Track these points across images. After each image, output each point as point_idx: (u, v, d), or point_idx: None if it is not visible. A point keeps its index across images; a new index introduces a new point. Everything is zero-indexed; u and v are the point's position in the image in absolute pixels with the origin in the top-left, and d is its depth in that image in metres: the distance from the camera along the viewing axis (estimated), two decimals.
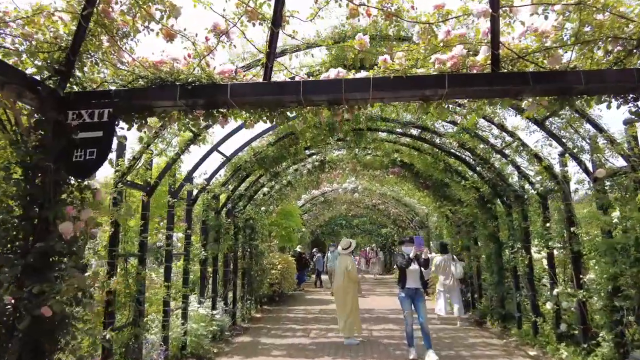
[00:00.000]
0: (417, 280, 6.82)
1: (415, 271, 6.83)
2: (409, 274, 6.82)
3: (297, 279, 17.65)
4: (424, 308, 6.74)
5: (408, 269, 6.80)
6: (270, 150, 8.55)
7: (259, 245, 11.79)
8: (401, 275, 6.96)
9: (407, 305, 6.79)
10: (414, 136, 8.90)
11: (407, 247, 7.12)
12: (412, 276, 6.82)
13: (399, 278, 7.07)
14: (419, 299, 6.79)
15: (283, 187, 11.34)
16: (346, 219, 27.61)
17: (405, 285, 6.82)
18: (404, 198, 17.02)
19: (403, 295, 6.86)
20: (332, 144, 9.79)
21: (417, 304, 6.77)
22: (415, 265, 6.82)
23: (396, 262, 7.12)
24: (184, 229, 7.30)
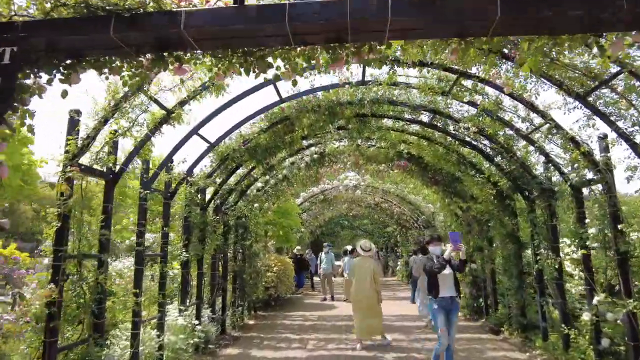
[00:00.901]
0: (451, 287, 5.59)
1: (449, 276, 5.59)
2: (442, 279, 5.57)
3: (295, 281, 16.67)
4: (456, 323, 5.65)
5: (440, 274, 5.55)
6: (262, 138, 7.58)
7: (253, 246, 10.80)
8: (431, 281, 5.68)
9: (442, 320, 5.47)
10: (424, 123, 7.93)
11: (434, 246, 5.91)
12: (445, 282, 5.58)
13: (430, 285, 5.74)
14: (454, 311, 5.58)
15: (279, 182, 10.36)
16: (347, 219, 26.62)
17: (439, 294, 5.55)
18: (409, 196, 16.03)
19: (436, 308, 5.55)
20: (333, 133, 8.83)
21: (451, 318, 5.54)
22: (448, 269, 5.59)
23: (424, 265, 5.85)
24: (161, 227, 6.32)
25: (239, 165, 7.94)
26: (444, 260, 5.58)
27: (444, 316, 5.48)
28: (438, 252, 5.78)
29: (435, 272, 5.53)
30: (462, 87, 6.23)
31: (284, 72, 2.64)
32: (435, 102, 7.14)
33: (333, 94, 6.95)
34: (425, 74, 6.27)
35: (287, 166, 10.19)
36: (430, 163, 9.73)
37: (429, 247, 5.97)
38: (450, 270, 5.58)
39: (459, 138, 7.90)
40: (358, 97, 7.15)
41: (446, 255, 5.59)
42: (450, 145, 8.40)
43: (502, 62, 4.96)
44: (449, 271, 5.58)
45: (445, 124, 7.77)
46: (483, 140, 7.61)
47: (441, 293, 5.52)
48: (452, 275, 5.58)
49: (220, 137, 6.88)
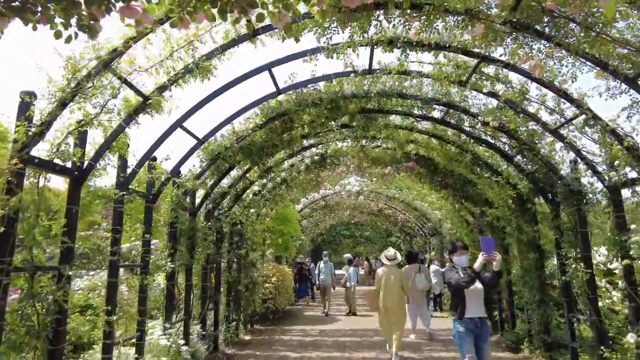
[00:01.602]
0: (481, 305, 4.61)
1: (478, 292, 4.58)
2: (470, 296, 4.53)
3: (297, 292, 15.82)
4: (488, 350, 4.58)
5: (468, 290, 4.51)
6: (257, 136, 6.86)
7: (249, 255, 10.03)
8: (456, 298, 4.66)
9: (468, 346, 4.46)
10: (436, 119, 7.21)
11: (459, 255, 4.82)
12: (474, 299, 4.55)
13: (453, 303, 4.74)
14: (484, 335, 4.54)
15: (277, 185, 9.63)
16: (349, 227, 25.83)
17: (465, 314, 4.52)
18: (414, 202, 15.27)
19: (462, 331, 4.51)
20: (335, 132, 8.13)
21: (480, 344, 4.49)
22: (478, 284, 4.57)
23: (448, 278, 4.74)
24: (142, 233, 5.58)
25: (232, 166, 7.20)
26: (472, 272, 4.54)
27: (471, 341, 4.46)
28: (464, 262, 4.76)
29: (462, 286, 4.48)
30: (483, 75, 5.52)
31: (272, 12, 1.91)
32: (449, 95, 6.44)
33: (336, 84, 6.25)
34: (441, 60, 5.56)
35: (286, 169, 9.47)
36: (440, 164, 9.01)
37: (453, 256, 4.89)
38: (480, 285, 4.56)
39: (475, 136, 7.17)
40: (364, 89, 6.45)
41: (477, 265, 4.54)
42: (464, 144, 7.66)
43: (534, 40, 4.25)
44: (479, 286, 4.56)
45: (459, 119, 7.06)
46: (502, 137, 6.88)
47: (468, 313, 4.50)
48: (482, 291, 4.57)
49: (210, 132, 6.16)
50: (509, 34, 4.30)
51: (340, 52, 5.09)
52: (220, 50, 4.39)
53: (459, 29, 4.40)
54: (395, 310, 7.40)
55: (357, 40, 5.02)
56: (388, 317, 7.47)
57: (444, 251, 15.48)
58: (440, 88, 6.40)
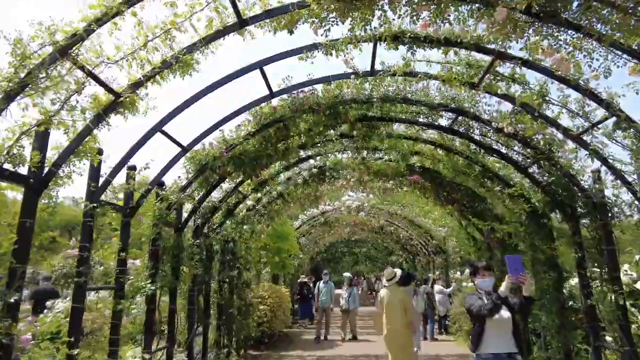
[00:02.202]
0: (509, 338, 3.76)
1: (506, 322, 3.76)
2: (496, 327, 3.75)
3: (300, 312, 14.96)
4: None
5: (493, 319, 3.71)
6: (250, 145, 6.31)
7: (243, 275, 9.38)
8: (477, 329, 3.86)
9: None
10: (443, 128, 6.67)
11: (482, 277, 3.99)
12: (501, 331, 3.76)
13: (474, 335, 3.93)
14: None
15: (273, 200, 9.04)
16: (348, 244, 25.13)
17: (489, 349, 3.75)
18: (418, 219, 14.65)
19: None
20: (335, 142, 7.59)
21: None
22: (506, 312, 3.76)
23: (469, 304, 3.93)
24: (117, 251, 4.97)
25: (222, 178, 6.63)
26: (497, 298, 3.75)
27: None
28: (488, 285, 3.94)
29: (485, 314, 3.68)
30: (497, 75, 5.00)
31: None
32: (458, 101, 5.91)
33: (336, 88, 5.73)
34: (450, 59, 5.05)
35: (282, 182, 8.89)
36: (446, 178, 8.45)
37: (475, 279, 4.08)
38: (508, 313, 3.75)
39: (485, 145, 6.63)
40: (365, 94, 5.93)
41: (503, 289, 3.76)
42: (473, 155, 7.11)
43: (560, 30, 3.73)
44: (507, 314, 3.75)
45: (469, 128, 6.52)
46: (515, 146, 6.33)
47: (493, 347, 3.71)
48: (510, 320, 3.75)
49: (196, 139, 5.61)
50: (530, 24, 3.79)
51: (340, 48, 4.58)
52: (203, 43, 3.87)
53: (473, 19, 3.90)
54: (396, 337, 6.74)
55: (359, 36, 4.52)
56: (390, 344, 6.80)
57: (448, 270, 14.80)
58: (449, 92, 5.90)
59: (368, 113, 6.41)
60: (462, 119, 6.37)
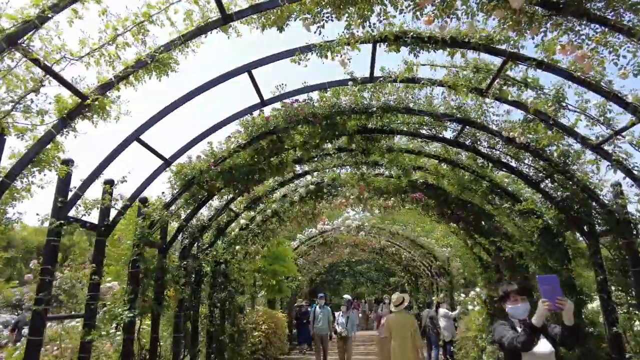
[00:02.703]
0: None
1: (547, 358, 2.99)
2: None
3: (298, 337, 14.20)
4: None
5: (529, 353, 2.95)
6: (240, 158, 5.87)
7: (236, 299, 8.81)
8: None
9: None
10: (447, 140, 6.24)
11: (514, 303, 3.16)
12: None
13: None
14: None
15: (267, 219, 8.54)
16: (349, 265, 24.47)
17: None
18: (420, 238, 14.10)
19: None
20: (332, 156, 7.15)
21: None
22: (545, 344, 2.99)
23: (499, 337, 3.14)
24: (90, 273, 4.46)
25: (211, 194, 6.16)
26: (530, 327, 2.89)
27: None
28: (522, 313, 3.12)
29: (519, 348, 2.91)
30: (508, 80, 4.59)
31: None
32: (465, 111, 5.49)
33: (332, 96, 5.32)
34: (456, 63, 4.65)
35: (278, 199, 8.42)
36: (451, 194, 7.97)
37: (506, 305, 3.24)
38: (549, 347, 2.99)
39: (493, 158, 6.18)
40: (364, 103, 5.52)
41: (537, 318, 2.85)
42: (480, 169, 6.66)
43: (582, 24, 3.33)
44: (548, 348, 2.99)
45: (475, 140, 6.10)
46: (526, 159, 5.89)
47: None
48: (552, 355, 2.99)
49: (180, 150, 5.16)
50: (548, 18, 3.39)
51: (336, 50, 4.18)
52: (182, 40, 3.47)
53: (483, 12, 3.50)
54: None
55: (356, 36, 4.13)
56: None
57: (453, 292, 14.16)
58: (454, 102, 5.50)
59: (367, 124, 6.00)
60: (469, 130, 5.96)
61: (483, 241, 9.29)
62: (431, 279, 16.22)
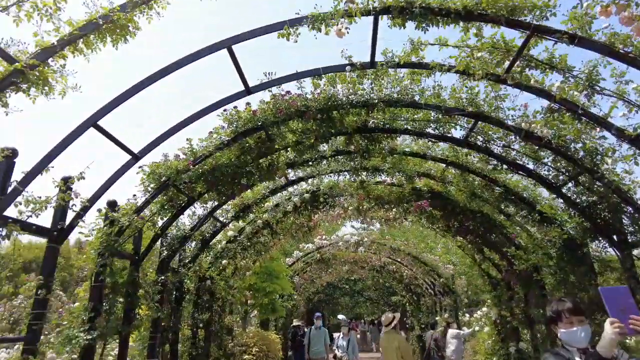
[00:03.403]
0: None
1: None
2: None
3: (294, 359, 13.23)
4: None
5: None
6: (224, 158, 5.21)
7: (222, 319, 8.03)
8: None
9: None
10: (456, 140, 5.60)
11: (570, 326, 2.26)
12: None
13: None
14: None
15: (258, 230, 7.82)
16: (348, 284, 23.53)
17: None
18: (423, 254, 13.33)
19: None
20: (329, 160, 6.51)
21: None
22: None
23: None
24: (36, 287, 3.74)
25: (191, 200, 5.47)
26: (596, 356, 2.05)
27: None
28: (582, 339, 2.22)
29: None
30: (530, 61, 3.96)
31: None
32: (477, 104, 4.86)
33: (327, 83, 4.70)
34: (470, 43, 4.03)
35: (269, 209, 7.73)
36: (459, 203, 7.30)
37: (559, 328, 2.34)
38: None
39: (508, 160, 5.53)
40: (364, 96, 4.89)
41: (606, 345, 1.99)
42: (492, 173, 6.01)
43: None
44: None
45: (488, 139, 5.46)
46: (546, 157, 5.24)
47: None
48: None
49: (152, 143, 4.48)
50: None
51: (331, 22, 3.57)
52: None
53: None
54: None
55: (354, 8, 3.53)
56: None
57: (458, 312, 13.31)
58: (465, 94, 4.88)
59: (368, 122, 5.37)
60: (480, 127, 5.33)
61: (493, 255, 8.58)
62: (434, 298, 15.37)
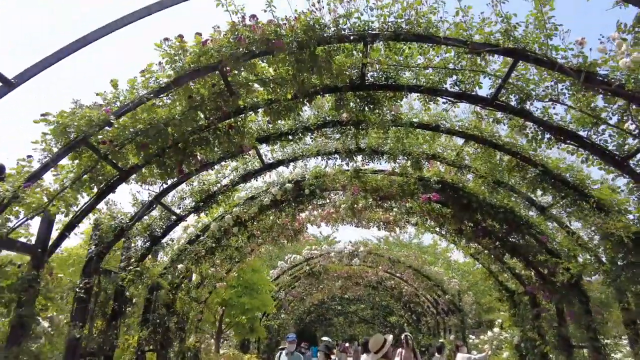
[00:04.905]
0: None
1: None
2: None
3: None
4: None
5: None
6: (163, 113, 3.75)
7: (184, 340, 6.45)
8: None
9: None
10: (483, 99, 4.17)
11: None
12: None
13: None
14: None
15: (228, 228, 6.29)
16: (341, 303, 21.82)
17: None
18: (425, 267, 11.78)
19: None
20: (314, 132, 5.07)
21: None
22: None
23: None
24: None
25: (123, 174, 3.98)
26: None
27: None
28: None
29: None
30: None
31: None
32: (516, 40, 3.47)
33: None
34: None
35: (242, 201, 6.23)
36: (477, 197, 5.86)
37: None
38: None
39: (552, 125, 4.10)
40: (360, 26, 3.49)
41: None
42: (528, 148, 4.58)
43: None
44: None
45: (525, 96, 4.03)
46: (611, 116, 3.82)
47: None
48: None
49: (36, 66, 2.99)
50: None
51: None
52: None
53: None
54: None
55: None
56: None
57: (465, 333, 11.69)
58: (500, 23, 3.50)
59: (365, 73, 3.96)
60: (515, 80, 3.92)
61: (513, 264, 7.10)
62: (437, 318, 13.76)
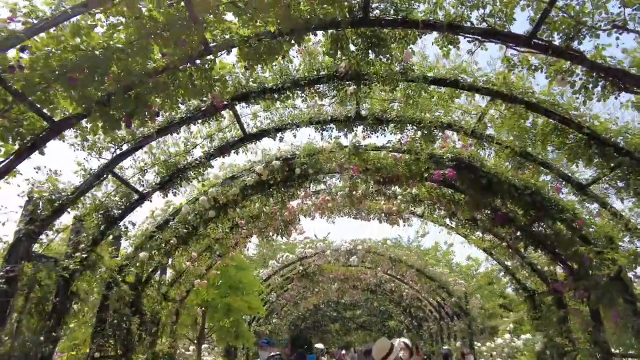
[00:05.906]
0: None
1: None
2: None
3: None
4: None
5: None
6: (105, 38, 2.81)
7: (153, 345, 5.47)
8: None
9: None
10: (518, 37, 3.27)
11: None
12: None
13: None
14: None
15: (202, 213, 5.30)
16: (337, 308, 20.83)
17: None
18: (428, 268, 10.81)
19: None
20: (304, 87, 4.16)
21: None
22: None
23: None
24: None
25: (55, 127, 3.04)
26: None
27: None
28: None
29: None
30: None
31: None
32: None
33: None
34: None
35: (219, 181, 5.28)
36: (499, 176, 4.94)
37: None
38: None
39: (605, 68, 3.20)
40: None
41: None
42: (571, 105, 3.68)
43: None
44: None
45: (574, 32, 3.13)
46: None
47: None
48: None
49: None
50: None
51: None
52: None
53: None
54: None
55: None
56: None
57: (473, 340, 10.71)
58: None
59: (370, 3, 3.06)
60: (558, 13, 3.02)
61: (537, 258, 6.19)
62: (440, 323, 12.77)
